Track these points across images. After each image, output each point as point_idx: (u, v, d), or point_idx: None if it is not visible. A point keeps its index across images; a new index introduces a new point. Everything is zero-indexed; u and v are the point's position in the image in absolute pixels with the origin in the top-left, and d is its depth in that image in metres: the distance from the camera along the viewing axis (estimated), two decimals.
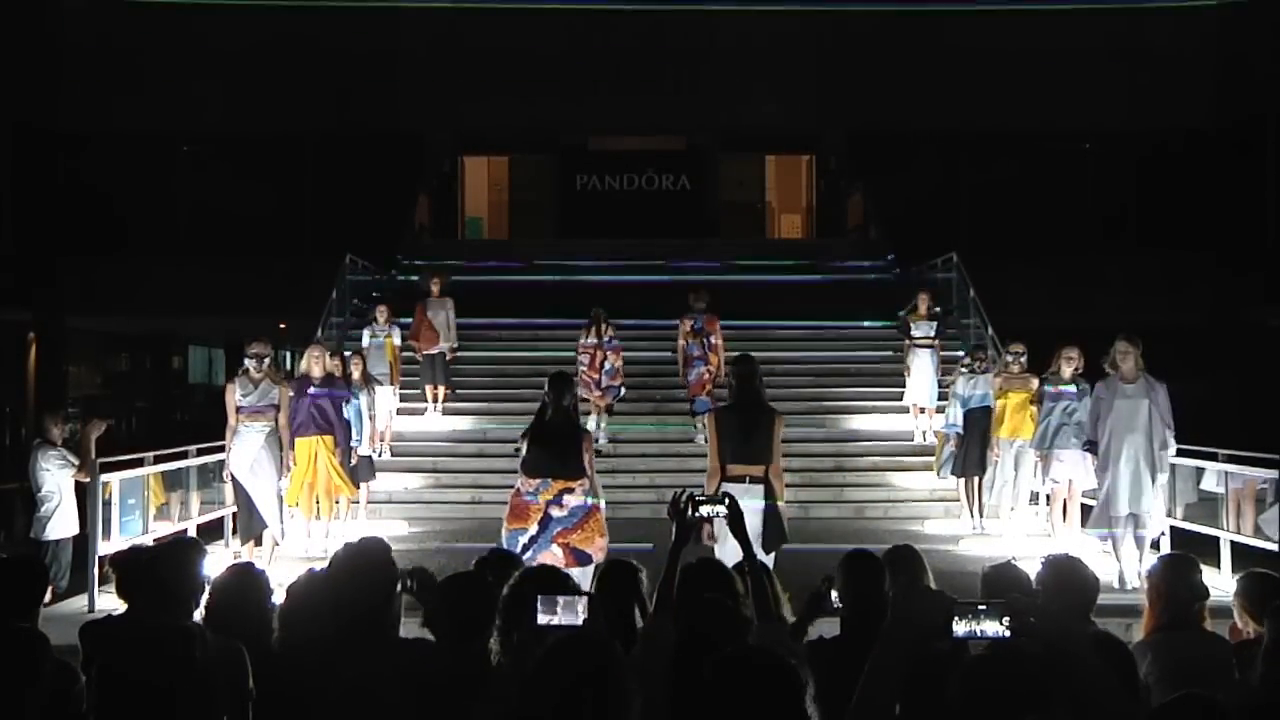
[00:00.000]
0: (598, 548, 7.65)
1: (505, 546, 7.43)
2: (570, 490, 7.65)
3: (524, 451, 7.81)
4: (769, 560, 7.01)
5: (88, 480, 10.06)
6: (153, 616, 4.25)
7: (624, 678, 2.39)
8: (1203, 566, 4.98)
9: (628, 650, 4.29)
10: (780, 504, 7.55)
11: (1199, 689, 3.05)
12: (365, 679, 3.05)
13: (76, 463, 10.31)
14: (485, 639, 4.05)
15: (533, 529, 7.61)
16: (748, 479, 7.46)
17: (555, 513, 7.61)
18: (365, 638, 3.93)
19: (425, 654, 4.10)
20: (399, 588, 4.05)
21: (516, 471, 8.02)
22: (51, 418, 10.78)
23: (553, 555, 7.48)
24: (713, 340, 15.29)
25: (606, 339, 15.31)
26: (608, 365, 15.27)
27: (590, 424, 13.83)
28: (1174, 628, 4.56)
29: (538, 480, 7.68)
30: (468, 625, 4.15)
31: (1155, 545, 9.89)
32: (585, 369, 15.18)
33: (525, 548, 7.53)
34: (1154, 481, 9.67)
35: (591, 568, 7.42)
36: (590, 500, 7.71)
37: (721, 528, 6.51)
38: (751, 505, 6.98)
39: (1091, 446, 10.00)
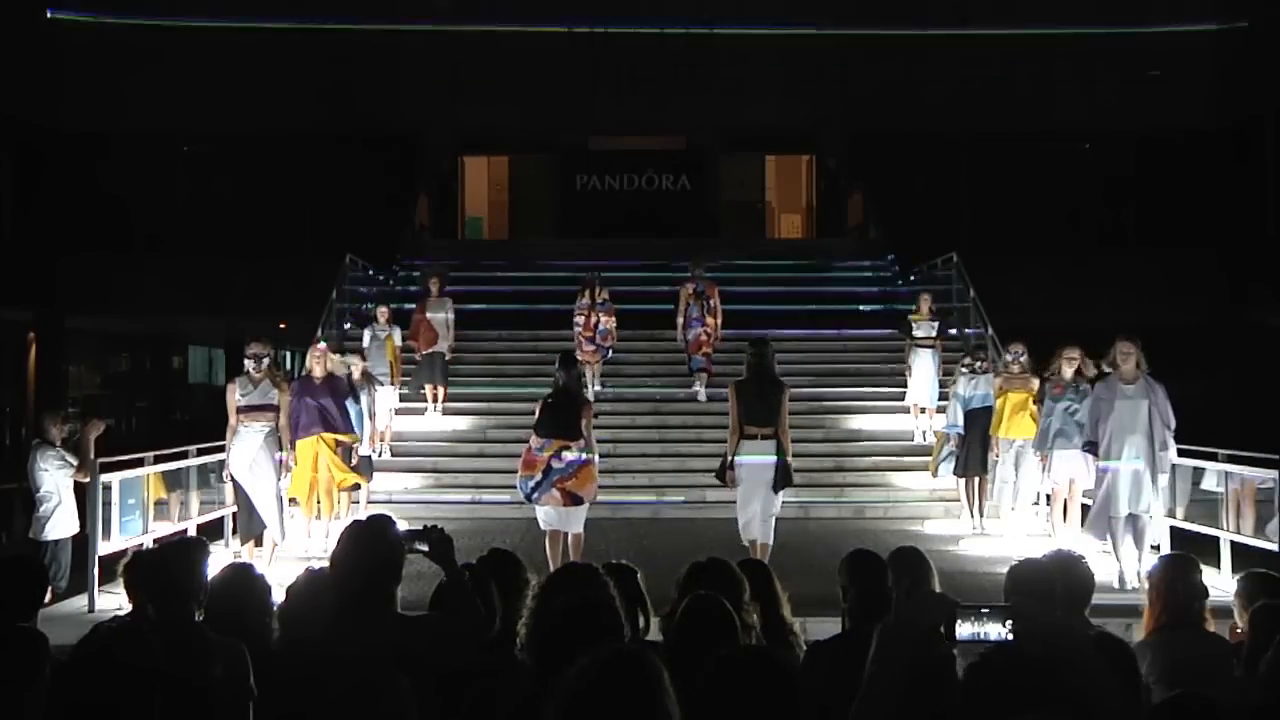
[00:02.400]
0: (589, 491, 9.75)
1: (518, 490, 9.97)
2: (568, 448, 9.66)
3: (537, 414, 9.92)
4: (775, 505, 9.53)
5: (87, 480, 10.05)
6: (158, 616, 4.25)
7: (665, 690, 2.38)
8: (1203, 566, 4.98)
9: None
10: (788, 456, 9.49)
11: (1197, 688, 3.05)
12: (365, 673, 3.04)
13: (75, 463, 10.29)
14: (491, 634, 4.09)
15: (538, 476, 9.70)
16: (760, 436, 9.44)
17: (555, 465, 9.67)
18: (366, 614, 3.94)
19: (426, 629, 4.10)
20: (406, 550, 4.11)
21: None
22: (50, 417, 10.77)
23: (553, 496, 9.67)
24: (712, 303, 16.09)
25: (600, 301, 16.13)
26: (600, 326, 16.07)
27: (588, 378, 15.40)
28: (1174, 627, 4.57)
29: (543, 439, 9.74)
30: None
31: (1155, 545, 9.89)
32: (580, 329, 16.08)
33: (533, 490, 9.72)
34: (1155, 482, 9.67)
35: (585, 506, 9.80)
36: (584, 456, 9.71)
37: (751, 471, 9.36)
38: (764, 456, 9.40)
39: (1091, 447, 10.00)
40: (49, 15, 23.58)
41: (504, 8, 24.46)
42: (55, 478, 10.32)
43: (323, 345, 12.23)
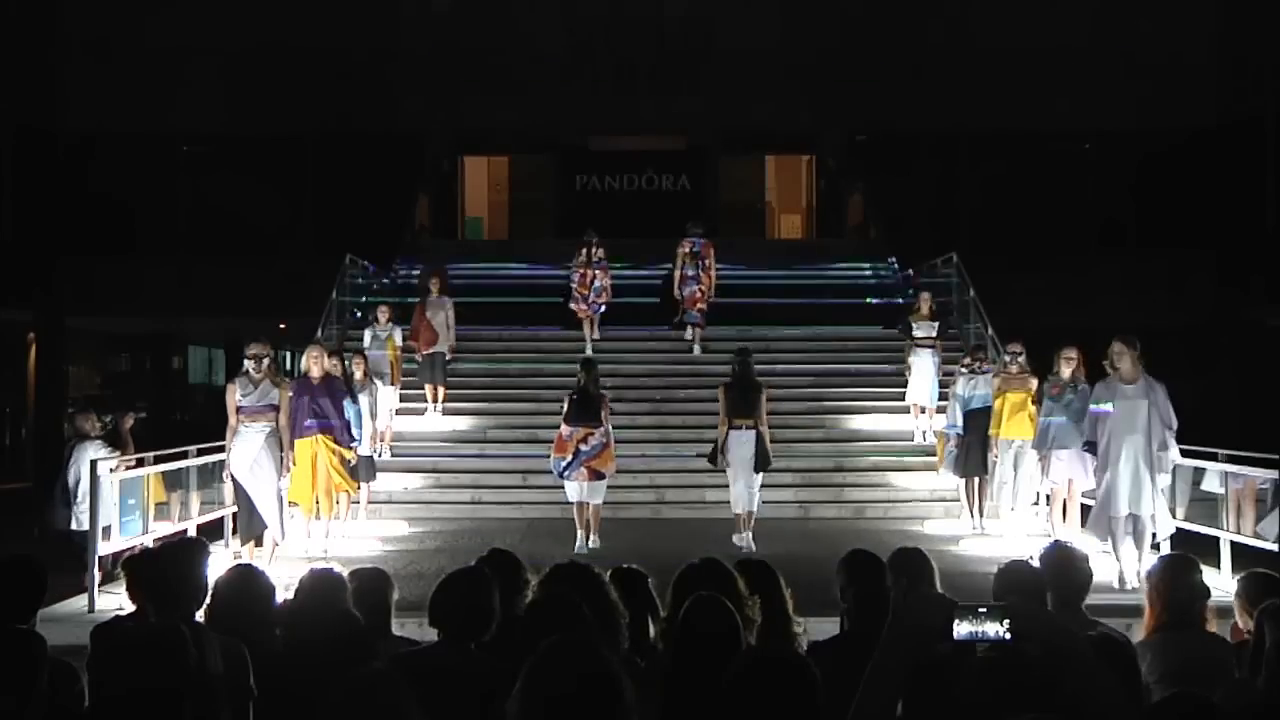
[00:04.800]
0: (609, 468, 12.01)
1: (551, 470, 12.12)
2: (592, 434, 11.80)
3: (565, 409, 11.99)
4: (756, 482, 11.95)
5: (130, 465, 11.04)
6: (157, 616, 4.24)
7: (620, 688, 2.38)
8: (1203, 566, 4.98)
9: (642, 658, 4.30)
10: (766, 442, 11.93)
11: (1195, 688, 3.06)
12: (369, 678, 3.05)
13: (117, 451, 11.43)
14: (489, 631, 4.09)
15: (569, 457, 11.79)
16: (744, 427, 11.87)
17: (583, 448, 11.78)
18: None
19: (429, 654, 4.11)
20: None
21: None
22: (83, 415, 11.94)
23: (581, 473, 11.79)
24: (706, 262, 16.97)
25: (596, 259, 16.91)
26: (596, 283, 16.91)
27: (585, 331, 17.05)
28: (1174, 628, 4.56)
29: (572, 428, 11.83)
30: (471, 622, 4.16)
31: (1156, 546, 9.88)
32: (576, 286, 16.96)
33: (565, 468, 11.83)
34: (1154, 482, 9.65)
35: (605, 482, 11.98)
36: (605, 439, 11.84)
37: (737, 454, 11.81)
38: (747, 442, 11.84)
39: (1091, 447, 10.00)
40: None
41: (504, 7, 24.47)
42: (103, 467, 10.57)
43: (319, 345, 12.23)
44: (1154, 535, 9.87)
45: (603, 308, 17.12)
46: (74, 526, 11.20)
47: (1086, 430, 10.23)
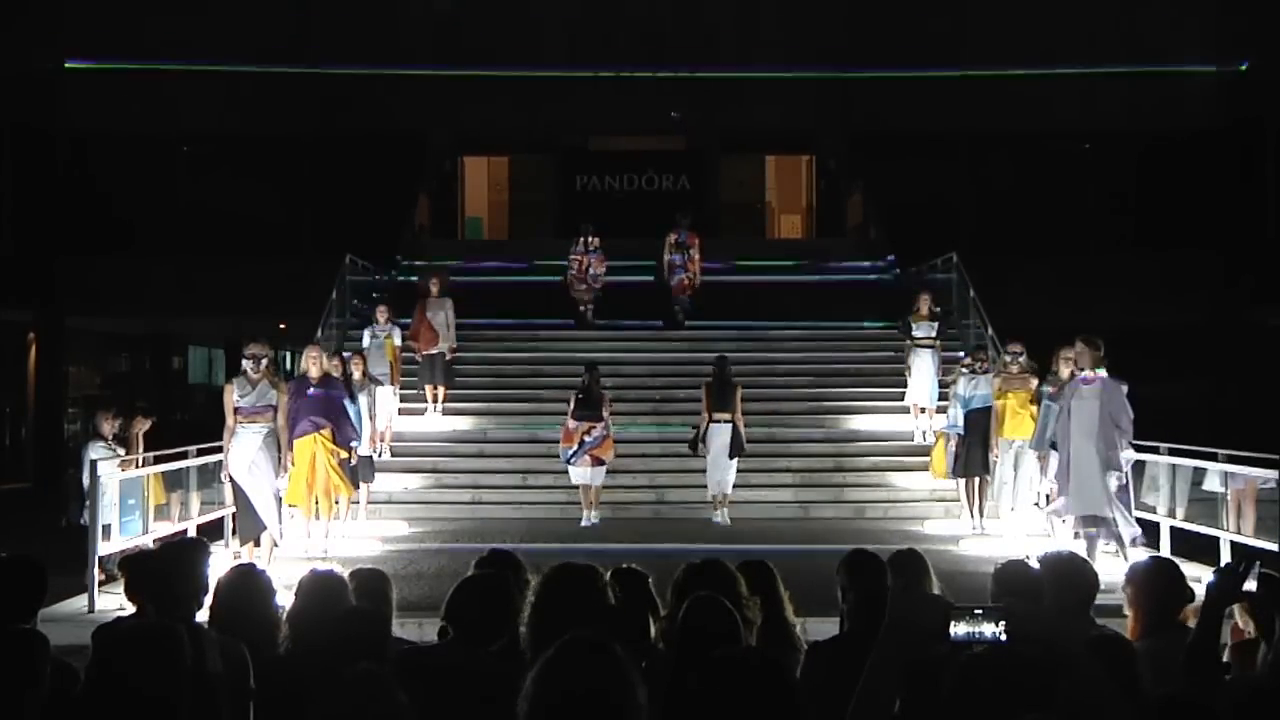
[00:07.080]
0: (609, 456, 13.73)
1: (560, 459, 13.80)
2: (594, 427, 13.54)
3: (571, 406, 13.63)
4: (732, 467, 13.69)
5: (133, 468, 11.28)
6: (158, 617, 4.24)
7: (632, 689, 2.37)
8: (1202, 567, 4.97)
9: (642, 658, 4.30)
10: (741, 432, 13.71)
11: (1183, 690, 3.06)
12: (359, 678, 3.05)
13: (121, 453, 11.69)
14: (501, 640, 4.08)
15: (575, 447, 13.54)
16: (722, 420, 13.66)
17: (587, 439, 13.53)
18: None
19: (434, 653, 4.10)
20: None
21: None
22: (103, 414, 12.26)
23: (585, 460, 13.54)
24: (692, 252, 17.95)
25: (592, 249, 17.86)
26: (591, 270, 17.92)
27: (584, 309, 18.24)
28: (1157, 632, 4.54)
29: (578, 421, 13.54)
30: (484, 628, 4.15)
31: (1134, 541, 9.88)
32: (574, 273, 18.00)
33: (571, 456, 13.56)
34: (1104, 482, 9.67)
35: (604, 467, 13.70)
36: (606, 432, 13.60)
37: (715, 442, 13.66)
38: (724, 432, 13.64)
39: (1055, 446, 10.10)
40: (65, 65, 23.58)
41: (505, 7, 24.47)
42: (104, 468, 10.58)
43: (317, 346, 12.24)
44: (1133, 538, 9.86)
45: (598, 292, 18.13)
46: (80, 521, 11.46)
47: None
